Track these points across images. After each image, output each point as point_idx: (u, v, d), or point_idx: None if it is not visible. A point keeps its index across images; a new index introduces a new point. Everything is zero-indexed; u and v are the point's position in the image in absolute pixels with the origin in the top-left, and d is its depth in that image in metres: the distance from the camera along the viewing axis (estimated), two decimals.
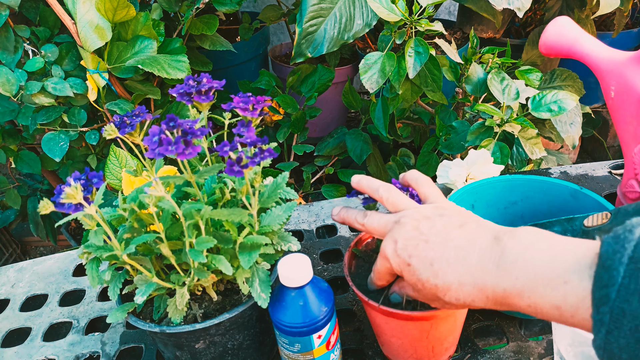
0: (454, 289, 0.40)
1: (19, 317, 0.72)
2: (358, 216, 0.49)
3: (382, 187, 0.49)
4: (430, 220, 0.43)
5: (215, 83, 0.46)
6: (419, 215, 0.44)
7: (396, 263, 0.44)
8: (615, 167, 0.86)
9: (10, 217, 1.42)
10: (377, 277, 0.48)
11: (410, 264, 0.42)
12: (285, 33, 2.28)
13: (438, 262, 0.41)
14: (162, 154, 0.38)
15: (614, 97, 0.60)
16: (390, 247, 0.44)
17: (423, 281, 0.42)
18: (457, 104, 1.16)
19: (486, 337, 0.60)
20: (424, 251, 0.42)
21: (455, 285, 0.40)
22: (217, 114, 0.54)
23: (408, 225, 0.44)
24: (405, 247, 0.43)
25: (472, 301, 0.40)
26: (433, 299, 0.43)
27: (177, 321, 0.49)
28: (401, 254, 0.43)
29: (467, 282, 0.40)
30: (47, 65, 0.99)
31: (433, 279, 0.41)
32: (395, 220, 0.45)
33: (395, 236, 0.44)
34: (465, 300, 0.40)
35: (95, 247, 0.46)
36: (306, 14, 1.08)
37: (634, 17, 1.77)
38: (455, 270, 0.40)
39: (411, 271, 0.42)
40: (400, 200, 0.48)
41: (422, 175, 0.51)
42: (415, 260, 0.42)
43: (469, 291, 0.40)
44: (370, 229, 0.47)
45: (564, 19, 0.63)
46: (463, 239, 0.41)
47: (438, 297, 0.42)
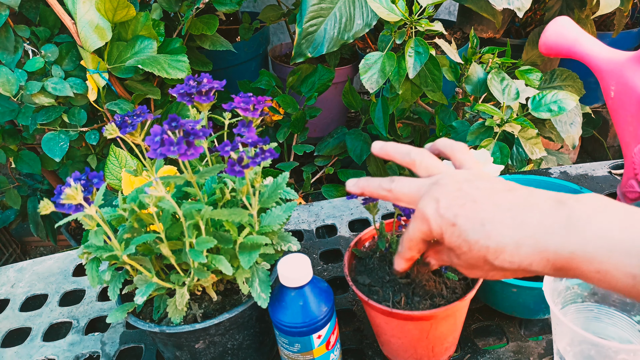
0: (509, 251, 0.37)
1: (19, 317, 0.72)
2: (383, 182, 0.44)
3: (414, 150, 0.45)
4: (473, 183, 0.40)
5: (216, 83, 0.46)
6: (459, 177, 0.41)
7: (437, 224, 0.40)
8: (615, 167, 0.86)
9: (10, 217, 1.42)
10: (408, 246, 0.43)
11: (456, 223, 0.39)
12: (285, 33, 2.28)
13: (491, 223, 0.38)
14: (163, 154, 0.38)
15: (614, 97, 0.60)
16: (432, 205, 0.40)
17: (471, 243, 0.38)
18: (457, 104, 1.16)
19: (486, 337, 0.60)
20: (472, 211, 0.38)
21: (511, 247, 0.37)
22: (217, 114, 0.54)
23: (449, 185, 0.40)
24: (450, 205, 0.39)
25: (528, 264, 0.37)
26: (478, 263, 0.39)
27: (177, 321, 0.49)
28: (445, 214, 0.39)
29: (526, 244, 0.36)
30: (47, 65, 0.99)
31: (484, 240, 0.38)
32: (432, 182, 0.42)
33: (437, 195, 0.40)
34: (521, 263, 0.37)
35: (95, 247, 0.46)
36: (306, 14, 1.08)
37: (634, 17, 1.77)
38: (512, 231, 0.37)
39: (456, 232, 0.39)
40: (435, 164, 0.44)
41: (457, 142, 0.47)
42: (462, 220, 0.38)
43: (527, 253, 0.37)
44: (399, 194, 0.43)
45: (564, 19, 0.63)
46: (518, 201, 0.38)
47: (487, 261, 0.38)
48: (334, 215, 0.83)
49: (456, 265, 0.42)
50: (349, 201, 0.86)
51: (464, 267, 0.41)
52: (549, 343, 0.58)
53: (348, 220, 0.82)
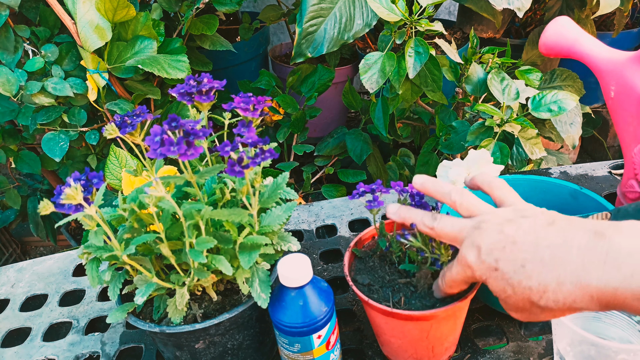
0: (552, 289, 0.37)
1: (19, 317, 0.72)
2: (426, 218, 0.45)
3: (454, 191, 0.46)
4: (513, 222, 0.40)
5: (216, 83, 0.46)
6: (500, 218, 0.41)
7: (481, 270, 0.40)
8: (615, 167, 0.86)
9: (10, 217, 1.42)
10: (449, 285, 0.45)
11: (498, 268, 0.39)
12: (285, 33, 2.28)
13: (530, 263, 0.38)
14: (163, 155, 0.38)
15: (614, 97, 0.60)
16: (473, 253, 0.41)
17: (514, 285, 0.38)
18: (457, 104, 1.16)
19: (486, 337, 0.60)
20: (512, 253, 0.39)
21: (553, 286, 0.37)
22: (217, 114, 0.54)
23: (490, 229, 0.41)
24: (491, 251, 0.40)
25: (572, 302, 0.36)
26: (525, 306, 0.39)
27: (177, 321, 0.49)
28: (486, 259, 0.40)
29: (568, 281, 0.36)
30: (47, 65, 0.99)
31: (526, 281, 0.38)
32: (473, 225, 0.42)
33: (477, 242, 0.41)
34: (565, 301, 0.37)
35: (95, 247, 0.46)
36: (306, 14, 1.08)
37: (634, 17, 1.77)
38: (553, 270, 0.37)
39: (499, 276, 0.39)
40: (476, 204, 0.44)
41: (495, 178, 0.47)
42: (503, 264, 0.39)
43: (569, 291, 0.36)
44: (441, 233, 0.44)
45: (564, 19, 0.63)
46: (557, 237, 0.38)
47: (532, 302, 0.38)
48: (334, 215, 0.83)
49: (505, 308, 0.42)
50: (349, 201, 0.86)
51: (513, 311, 0.41)
52: (549, 343, 0.58)
53: (348, 220, 0.82)
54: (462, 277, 0.43)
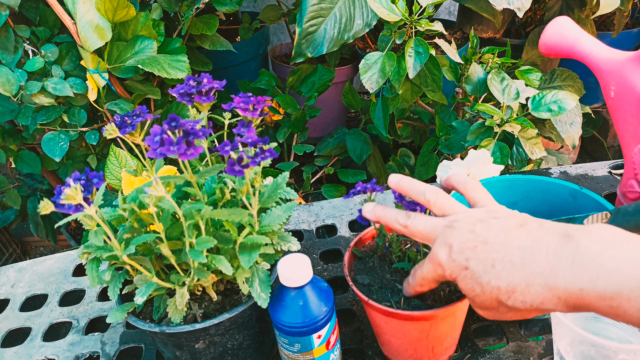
0: (520, 290, 0.37)
1: (19, 317, 0.72)
2: (400, 216, 0.46)
3: (428, 190, 0.46)
4: (485, 223, 0.41)
5: (216, 83, 0.46)
6: (472, 218, 0.42)
7: (451, 268, 0.41)
8: (615, 167, 0.86)
9: (10, 217, 1.42)
10: (419, 283, 0.45)
11: (468, 267, 0.40)
12: (285, 33, 2.28)
13: (500, 263, 0.38)
14: (163, 154, 0.38)
15: (614, 97, 0.60)
16: (444, 251, 0.41)
17: (483, 285, 0.39)
18: (457, 104, 1.17)
19: (486, 337, 0.60)
20: (483, 252, 0.39)
21: (521, 287, 0.37)
22: (217, 114, 0.54)
23: (462, 228, 0.41)
24: (462, 250, 0.40)
25: (540, 303, 0.37)
26: (493, 304, 0.40)
27: (177, 321, 0.49)
28: (457, 258, 0.40)
29: (536, 283, 0.37)
30: (47, 65, 0.99)
31: (495, 281, 0.38)
32: (445, 224, 0.43)
33: (449, 240, 0.41)
34: (532, 302, 0.37)
35: (95, 247, 0.46)
36: (306, 14, 1.08)
37: (634, 17, 1.77)
38: (521, 270, 0.37)
39: (469, 275, 0.40)
40: (449, 204, 0.45)
41: (469, 179, 0.48)
42: (473, 263, 0.39)
43: (537, 292, 0.37)
44: (414, 231, 0.45)
45: (564, 19, 0.63)
46: (527, 238, 0.39)
47: (500, 302, 0.39)
48: (334, 215, 0.83)
49: (474, 307, 0.42)
50: (349, 201, 0.86)
51: (480, 309, 0.42)
52: (549, 343, 0.58)
53: (348, 220, 0.82)
54: (433, 276, 0.43)
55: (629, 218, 0.51)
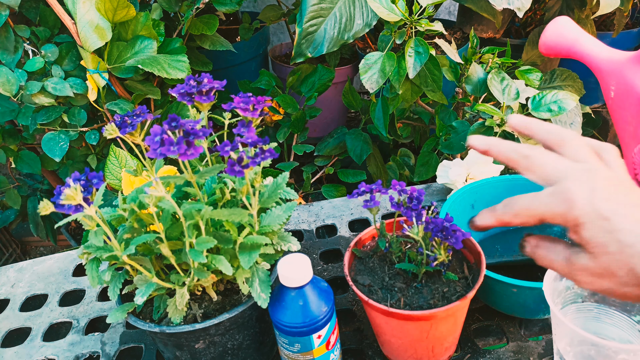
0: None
1: (19, 317, 0.72)
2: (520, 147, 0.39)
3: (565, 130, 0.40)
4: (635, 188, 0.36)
5: (216, 83, 0.46)
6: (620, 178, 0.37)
7: (584, 211, 0.35)
8: None
9: (10, 217, 1.42)
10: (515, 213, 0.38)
11: (610, 219, 0.34)
12: (285, 33, 2.28)
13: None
14: (163, 154, 0.38)
15: (614, 97, 0.60)
16: (584, 190, 0.35)
17: (623, 244, 0.33)
18: (457, 104, 1.16)
19: (486, 337, 0.60)
20: (633, 213, 0.34)
21: None
22: (217, 114, 0.54)
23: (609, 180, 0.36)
24: (609, 199, 0.35)
25: None
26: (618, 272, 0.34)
27: (177, 321, 0.49)
28: (601, 205, 0.34)
29: None
30: (47, 65, 0.99)
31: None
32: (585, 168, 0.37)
33: (593, 184, 0.35)
34: None
35: (95, 247, 0.46)
36: (306, 14, 1.08)
37: (634, 17, 1.77)
38: None
39: (607, 227, 0.34)
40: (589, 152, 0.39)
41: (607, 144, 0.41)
42: (619, 218, 0.34)
43: None
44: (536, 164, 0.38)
45: (564, 19, 0.63)
46: None
47: (632, 271, 0.33)
48: (334, 215, 0.83)
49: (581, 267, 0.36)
50: (349, 201, 0.86)
51: (592, 272, 0.36)
52: (549, 343, 0.58)
53: (348, 220, 0.82)
54: (544, 210, 0.37)
55: None
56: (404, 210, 0.50)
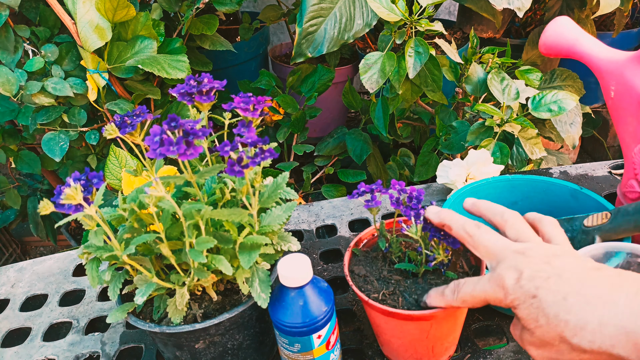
0: (591, 329, 0.35)
1: (19, 317, 0.72)
2: (468, 225, 0.45)
3: (507, 211, 0.45)
4: (560, 258, 0.40)
5: (217, 83, 0.46)
6: (548, 252, 0.41)
7: (515, 294, 0.39)
8: (615, 167, 0.86)
9: (10, 217, 1.42)
10: (462, 299, 0.43)
11: (537, 295, 0.38)
12: (285, 33, 2.28)
13: (574, 297, 0.36)
14: (163, 154, 0.38)
15: (614, 97, 0.60)
16: (512, 276, 0.39)
17: (549, 316, 0.37)
18: (457, 104, 1.17)
19: (486, 337, 0.60)
20: (556, 284, 0.37)
21: (593, 325, 0.35)
22: (217, 114, 0.54)
23: (536, 258, 0.40)
24: (533, 278, 0.38)
25: (610, 346, 0.35)
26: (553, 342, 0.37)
27: (177, 321, 0.49)
28: (525, 285, 0.38)
29: (611, 324, 0.34)
30: (47, 65, 0.99)
31: (564, 314, 0.36)
32: (518, 249, 0.41)
33: (520, 267, 0.39)
34: (602, 344, 0.35)
35: (95, 247, 0.46)
36: (306, 14, 1.08)
37: (634, 17, 1.77)
38: (596, 309, 0.35)
39: (535, 304, 0.38)
40: (526, 230, 0.44)
41: (547, 217, 0.46)
42: (543, 292, 0.37)
43: (611, 334, 0.34)
44: (479, 244, 0.43)
45: (564, 19, 0.63)
46: (604, 281, 0.37)
47: (563, 338, 0.36)
48: (334, 215, 0.83)
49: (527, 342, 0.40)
50: (349, 201, 0.86)
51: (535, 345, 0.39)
52: None
53: (348, 220, 0.82)
54: (487, 297, 0.41)
55: (629, 218, 0.51)
56: (404, 209, 0.50)
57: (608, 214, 0.53)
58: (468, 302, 0.43)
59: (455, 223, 0.46)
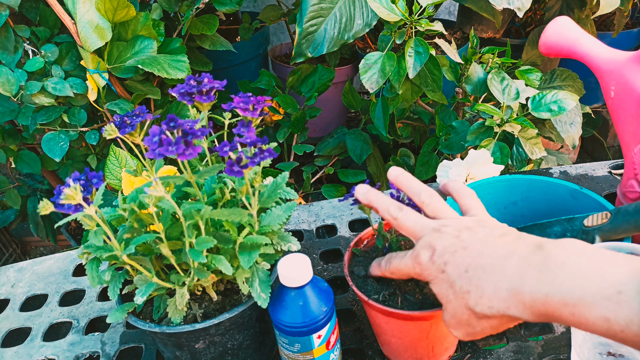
0: (488, 295, 0.38)
1: (19, 317, 0.72)
2: (392, 207, 0.46)
3: (424, 191, 0.47)
4: (472, 231, 0.42)
5: (217, 83, 0.46)
6: (461, 225, 0.43)
7: (429, 270, 0.42)
8: (615, 167, 0.86)
9: (10, 217, 1.42)
10: (390, 271, 0.46)
11: (445, 270, 0.41)
12: (285, 33, 2.28)
13: (473, 269, 0.39)
14: (162, 155, 0.38)
15: (614, 97, 0.60)
16: (427, 253, 0.42)
17: (455, 289, 0.40)
18: (457, 104, 1.16)
19: (486, 337, 0.60)
20: (460, 257, 0.40)
21: (489, 291, 0.38)
22: (217, 114, 0.54)
23: (449, 234, 0.42)
24: (442, 254, 0.41)
25: (506, 308, 0.38)
26: (463, 314, 0.41)
27: (177, 321, 0.49)
28: (437, 261, 0.41)
29: (503, 288, 0.38)
30: (47, 65, 0.99)
31: (466, 285, 0.39)
32: (434, 227, 0.44)
33: (434, 244, 0.42)
34: (499, 307, 0.38)
35: (95, 247, 0.46)
36: (306, 14, 1.08)
37: (634, 17, 1.77)
38: (490, 276, 0.38)
39: (444, 279, 0.41)
40: (442, 208, 0.46)
41: (465, 187, 0.49)
42: (450, 267, 0.41)
43: (504, 297, 0.38)
44: (402, 225, 0.45)
45: (564, 19, 0.63)
46: (502, 248, 0.40)
47: (469, 309, 0.40)
48: (334, 215, 0.83)
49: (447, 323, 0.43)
50: (349, 201, 0.86)
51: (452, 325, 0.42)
52: (549, 343, 0.58)
53: (348, 220, 0.82)
54: (408, 271, 0.45)
55: (629, 218, 0.51)
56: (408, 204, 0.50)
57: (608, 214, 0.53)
58: (395, 273, 0.46)
59: (381, 205, 0.47)
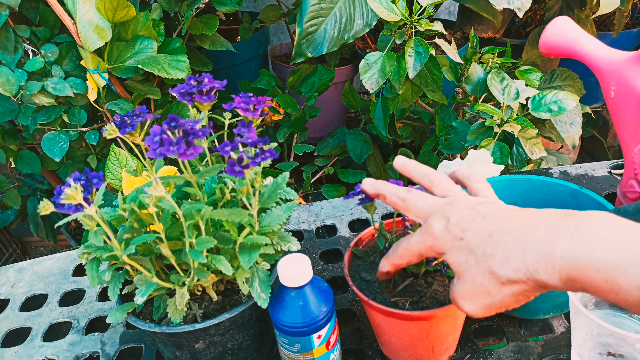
0: (515, 257, 0.36)
1: (19, 317, 0.72)
2: (400, 191, 0.45)
3: (433, 173, 0.46)
4: (485, 205, 0.41)
5: (217, 83, 0.46)
6: (474, 201, 0.42)
7: (444, 239, 0.40)
8: (615, 167, 0.86)
9: (10, 217, 1.42)
10: (400, 254, 0.44)
11: (464, 237, 0.39)
12: (285, 33, 2.28)
13: (498, 233, 0.38)
14: (163, 154, 0.38)
15: (614, 97, 0.60)
16: (440, 223, 0.41)
17: (478, 254, 0.38)
18: (457, 104, 1.17)
19: (486, 337, 0.60)
20: (481, 225, 0.39)
21: (516, 253, 0.36)
22: (217, 114, 0.54)
23: (463, 206, 0.41)
24: (459, 222, 0.40)
25: (534, 271, 0.36)
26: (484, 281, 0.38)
27: (177, 321, 0.49)
28: (453, 229, 0.40)
29: (532, 249, 0.36)
30: (47, 65, 0.99)
31: (490, 249, 0.38)
32: (446, 201, 0.42)
33: (448, 214, 0.41)
34: (527, 270, 0.36)
35: (95, 247, 0.46)
36: (306, 14, 1.08)
37: (634, 17, 1.77)
38: (518, 239, 0.37)
39: (463, 245, 0.39)
40: (452, 188, 0.45)
41: (474, 173, 0.48)
42: (470, 234, 0.39)
43: (533, 259, 0.36)
44: (411, 205, 0.44)
45: (564, 19, 0.63)
46: (526, 216, 0.39)
47: (492, 273, 0.38)
48: (334, 215, 0.83)
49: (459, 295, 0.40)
50: (349, 201, 0.86)
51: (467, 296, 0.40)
52: (549, 343, 0.58)
53: (348, 220, 0.82)
54: (419, 247, 0.43)
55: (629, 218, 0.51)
56: None
57: None
58: (405, 256, 0.44)
59: (388, 191, 0.46)
